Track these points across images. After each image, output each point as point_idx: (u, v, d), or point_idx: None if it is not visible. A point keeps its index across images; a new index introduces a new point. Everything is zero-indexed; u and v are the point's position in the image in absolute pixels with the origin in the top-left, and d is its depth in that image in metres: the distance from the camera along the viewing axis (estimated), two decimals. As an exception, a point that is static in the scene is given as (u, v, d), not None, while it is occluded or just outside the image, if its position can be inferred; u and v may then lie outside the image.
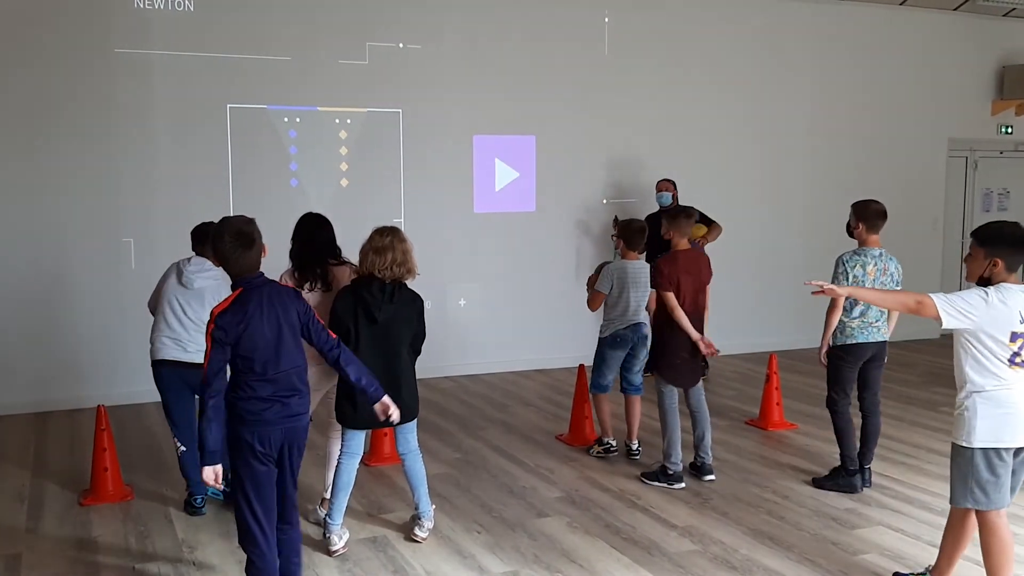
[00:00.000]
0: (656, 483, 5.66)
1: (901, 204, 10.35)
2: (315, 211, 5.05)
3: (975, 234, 3.87)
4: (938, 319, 3.68)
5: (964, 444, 3.80)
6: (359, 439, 4.68)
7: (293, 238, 4.88)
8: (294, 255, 4.86)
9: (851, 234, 5.45)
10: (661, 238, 7.89)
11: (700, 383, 5.83)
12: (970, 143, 11.03)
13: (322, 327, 3.85)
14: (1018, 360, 3.70)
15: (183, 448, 5.06)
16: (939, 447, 6.49)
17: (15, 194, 7.26)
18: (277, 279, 4.71)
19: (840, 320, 5.37)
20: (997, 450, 3.74)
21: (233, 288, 3.69)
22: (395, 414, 3.96)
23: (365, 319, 4.43)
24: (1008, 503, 3.84)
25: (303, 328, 3.75)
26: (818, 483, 5.64)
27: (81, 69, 7.33)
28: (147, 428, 6.88)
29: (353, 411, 4.49)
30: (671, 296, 5.54)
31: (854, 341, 5.39)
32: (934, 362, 9.51)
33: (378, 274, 4.44)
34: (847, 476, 5.55)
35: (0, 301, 7.27)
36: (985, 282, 3.77)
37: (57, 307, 7.40)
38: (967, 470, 3.81)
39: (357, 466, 4.70)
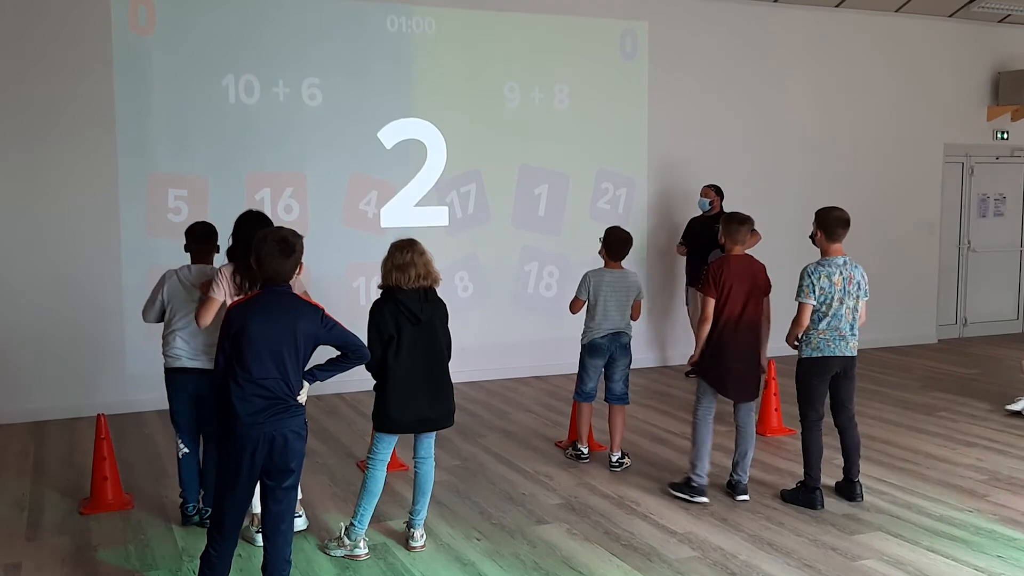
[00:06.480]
0: (678, 494, 5.52)
1: (897, 209, 10.43)
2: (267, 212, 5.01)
3: None
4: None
5: None
6: (387, 445, 4.73)
7: (233, 236, 4.74)
8: (233, 255, 4.72)
9: (814, 242, 5.37)
10: (706, 242, 7.99)
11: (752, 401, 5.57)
12: (966, 149, 11.06)
13: (345, 330, 3.93)
14: None
15: (185, 450, 5.02)
16: (937, 452, 6.50)
17: (15, 201, 7.25)
18: (221, 273, 4.64)
19: (806, 332, 5.29)
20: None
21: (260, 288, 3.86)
22: (302, 398, 3.84)
23: (408, 320, 4.48)
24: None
25: (325, 336, 3.82)
26: (784, 496, 5.50)
27: (81, 71, 7.30)
28: (147, 436, 6.88)
29: (387, 416, 4.62)
30: (710, 303, 5.34)
31: (820, 354, 5.30)
32: (931, 367, 9.53)
33: (404, 287, 4.52)
34: (807, 492, 5.38)
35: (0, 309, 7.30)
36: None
37: (57, 315, 7.38)
38: None
39: (385, 472, 4.74)
